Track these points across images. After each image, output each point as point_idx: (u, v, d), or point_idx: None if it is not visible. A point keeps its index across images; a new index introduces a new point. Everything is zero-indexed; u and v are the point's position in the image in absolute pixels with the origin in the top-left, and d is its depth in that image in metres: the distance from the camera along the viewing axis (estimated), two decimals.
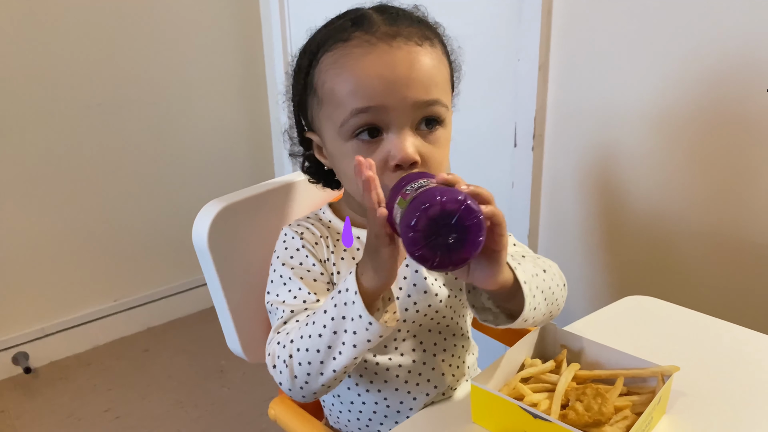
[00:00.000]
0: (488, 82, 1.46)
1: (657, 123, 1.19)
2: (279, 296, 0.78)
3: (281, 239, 0.82)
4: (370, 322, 0.65)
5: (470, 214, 0.57)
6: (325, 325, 0.68)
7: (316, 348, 0.69)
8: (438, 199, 0.56)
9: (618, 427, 0.67)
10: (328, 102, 0.74)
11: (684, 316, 0.94)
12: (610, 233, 1.32)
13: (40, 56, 1.88)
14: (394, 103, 0.70)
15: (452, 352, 0.85)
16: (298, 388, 0.72)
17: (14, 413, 1.86)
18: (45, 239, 2.02)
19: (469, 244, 0.57)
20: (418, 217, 0.56)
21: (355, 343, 0.67)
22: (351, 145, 0.73)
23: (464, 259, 0.58)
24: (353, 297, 0.65)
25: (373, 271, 0.65)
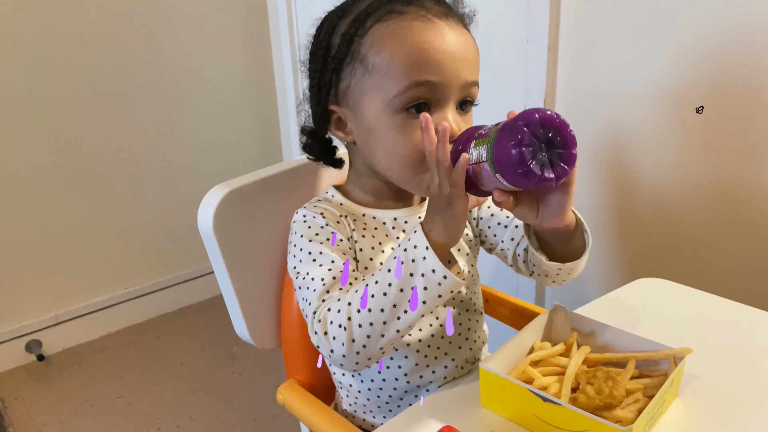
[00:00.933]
0: (497, 64, 1.44)
1: (669, 103, 1.16)
2: (310, 272, 0.75)
3: (300, 220, 0.80)
4: (445, 276, 0.65)
5: (564, 128, 0.59)
6: (390, 283, 0.67)
7: (380, 308, 0.67)
8: (534, 114, 0.58)
9: (629, 411, 0.66)
10: (384, 72, 0.73)
11: (696, 298, 0.92)
12: (620, 215, 1.31)
13: (49, 45, 1.88)
14: (449, 79, 0.72)
15: (468, 326, 0.86)
16: (354, 353, 0.69)
17: (28, 400, 1.88)
18: (57, 228, 2.03)
19: (567, 156, 0.60)
20: (522, 133, 0.57)
21: (426, 299, 0.66)
22: (399, 118, 0.73)
23: (565, 172, 0.60)
24: (424, 253, 0.65)
25: (443, 227, 0.66)
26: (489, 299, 1.06)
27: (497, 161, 0.60)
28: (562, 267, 0.78)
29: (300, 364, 0.92)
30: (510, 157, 0.58)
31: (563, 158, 0.60)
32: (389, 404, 0.85)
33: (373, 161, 0.79)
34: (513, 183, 0.60)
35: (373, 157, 0.78)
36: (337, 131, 0.81)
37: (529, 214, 0.69)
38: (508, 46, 1.40)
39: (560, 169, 0.60)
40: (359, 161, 0.83)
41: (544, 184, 0.59)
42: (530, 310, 1.01)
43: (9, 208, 1.93)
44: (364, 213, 0.82)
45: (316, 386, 0.92)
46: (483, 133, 0.63)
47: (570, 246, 0.76)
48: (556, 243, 0.76)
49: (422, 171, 0.74)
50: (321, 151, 0.87)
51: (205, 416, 1.77)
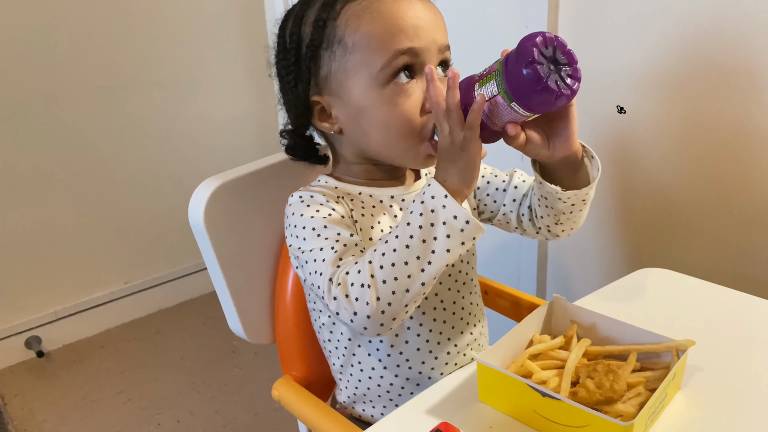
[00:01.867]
0: (495, 52, 1.41)
1: (670, 91, 1.14)
2: (316, 247, 0.73)
3: (297, 202, 0.78)
4: (467, 221, 0.65)
5: (565, 46, 0.62)
6: (412, 235, 0.66)
7: (403, 261, 0.66)
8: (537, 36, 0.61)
9: (631, 405, 0.64)
10: (365, 48, 0.74)
11: (699, 288, 0.91)
12: (621, 204, 1.29)
13: (42, 39, 1.86)
14: (428, 43, 0.74)
15: (469, 311, 0.85)
16: (379, 312, 0.67)
17: (29, 397, 1.87)
18: (55, 223, 2.02)
19: (573, 71, 0.63)
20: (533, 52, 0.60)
21: (449, 247, 0.66)
22: (389, 89, 0.74)
23: (575, 86, 0.63)
24: (443, 201, 0.66)
25: (458, 175, 0.67)
26: (488, 291, 1.04)
27: (511, 88, 0.62)
28: (577, 194, 0.78)
29: (295, 360, 0.91)
30: (525, 78, 0.60)
31: (570, 74, 0.63)
32: (390, 393, 0.84)
33: (367, 141, 0.78)
34: (530, 106, 0.62)
35: (367, 137, 0.78)
36: (321, 122, 0.80)
37: (541, 148, 0.71)
38: (506, 34, 1.38)
39: (571, 82, 0.62)
40: (347, 150, 0.82)
41: (561, 99, 0.62)
42: (530, 302, 0.99)
43: (6, 204, 1.92)
44: (360, 191, 0.81)
45: (312, 382, 0.91)
46: (484, 73, 0.66)
47: (580, 175, 0.78)
48: (565, 174, 0.78)
49: (419, 140, 0.76)
50: (305, 151, 0.86)
51: (205, 411, 1.76)
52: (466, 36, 1.44)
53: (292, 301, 0.89)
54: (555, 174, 0.78)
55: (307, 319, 0.88)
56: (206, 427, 1.70)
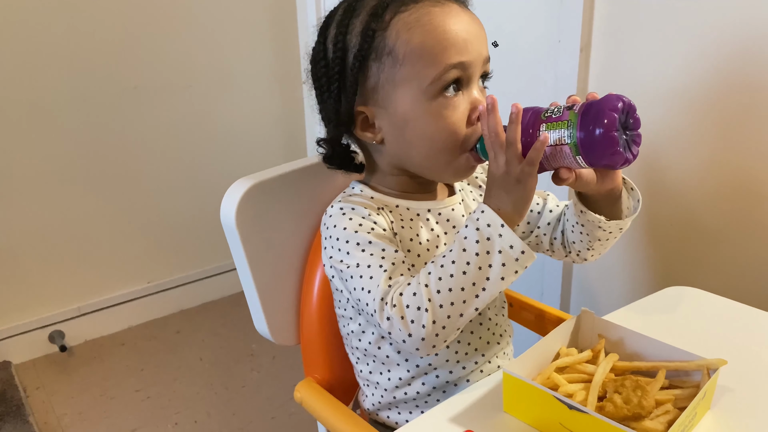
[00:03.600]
0: (527, 64, 1.41)
1: (704, 109, 1.13)
2: (362, 263, 0.73)
3: (338, 213, 0.77)
4: (523, 251, 0.67)
5: (634, 111, 0.67)
6: (469, 262, 0.68)
7: (460, 287, 0.68)
8: (618, 100, 0.65)
9: (659, 422, 0.63)
10: (416, 60, 0.74)
11: (729, 307, 0.89)
12: (650, 221, 1.28)
13: (75, 40, 1.89)
14: (476, 57, 0.75)
15: (496, 321, 0.87)
16: (434, 335, 0.68)
17: (49, 390, 1.89)
18: (82, 221, 2.05)
19: (637, 136, 0.67)
20: (614, 119, 0.64)
21: (504, 276, 0.68)
22: (437, 102, 0.74)
23: (636, 152, 0.67)
24: (500, 230, 0.67)
25: (512, 206, 0.69)
26: (513, 303, 1.03)
27: (583, 145, 0.65)
28: (619, 224, 0.81)
29: (318, 363, 0.91)
30: (601, 142, 0.64)
31: (635, 139, 0.67)
32: (417, 400, 0.84)
33: (409, 153, 0.79)
34: (595, 163, 0.66)
35: (410, 148, 0.78)
36: (364, 132, 0.80)
37: (590, 183, 0.74)
38: (538, 47, 1.38)
39: (634, 149, 0.67)
40: (384, 160, 0.82)
41: (625, 164, 0.66)
42: (555, 316, 0.98)
43: (35, 201, 1.95)
44: (398, 204, 0.82)
45: (334, 385, 0.90)
46: (554, 117, 0.68)
47: (618, 205, 0.81)
48: (605, 205, 0.80)
49: (458, 154, 0.77)
50: (342, 160, 0.86)
51: (222, 412, 1.77)
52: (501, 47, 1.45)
53: (318, 304, 0.89)
54: (596, 204, 0.81)
55: (333, 322, 0.88)
56: (222, 429, 1.70)
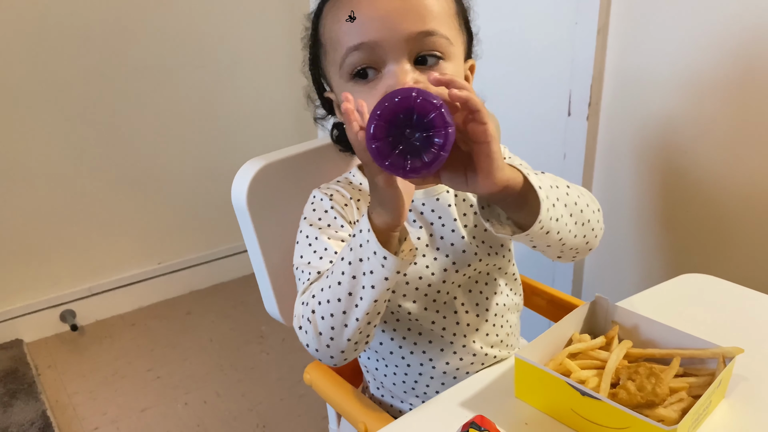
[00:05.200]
0: (543, 47, 1.39)
1: (725, 93, 1.11)
2: (304, 257, 0.75)
3: (310, 201, 0.80)
4: (385, 257, 0.62)
5: (428, 108, 0.53)
6: (344, 271, 0.65)
7: (337, 297, 0.66)
8: (389, 101, 0.53)
9: (673, 410, 0.63)
10: (331, 47, 0.73)
11: (745, 295, 0.88)
12: (666, 209, 1.26)
13: (88, 18, 1.88)
14: (386, 36, 0.68)
15: (495, 312, 0.83)
16: (324, 346, 0.69)
17: (61, 368, 1.91)
18: (93, 201, 2.05)
19: (436, 139, 0.53)
20: (375, 126, 0.53)
21: (374, 284, 0.64)
22: (350, 86, 0.71)
23: (438, 156, 0.54)
24: (367, 236, 0.63)
25: (380, 206, 0.62)
26: (525, 288, 1.02)
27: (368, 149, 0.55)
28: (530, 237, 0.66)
29: None
30: (371, 150, 0.54)
31: (434, 140, 0.53)
32: (415, 390, 0.83)
33: None
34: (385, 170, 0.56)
35: None
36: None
37: (458, 181, 0.61)
38: (555, 29, 1.35)
39: (431, 155, 0.53)
40: None
41: (413, 175, 0.55)
42: (567, 302, 0.97)
43: (48, 182, 1.96)
44: None
45: (343, 368, 0.90)
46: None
47: (531, 211, 0.65)
48: (509, 210, 0.68)
49: None
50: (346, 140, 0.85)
51: (232, 393, 1.77)
52: (516, 30, 1.42)
53: None
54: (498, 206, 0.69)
55: None
56: (232, 410, 1.71)
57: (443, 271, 0.78)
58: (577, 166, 1.36)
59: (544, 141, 1.44)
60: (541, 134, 1.45)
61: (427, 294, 0.78)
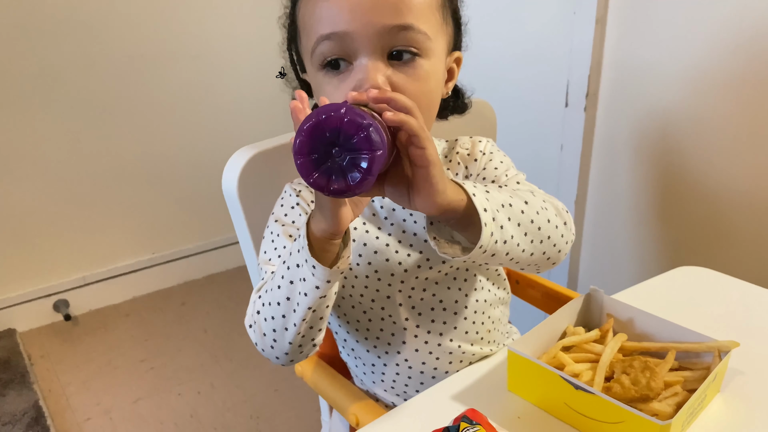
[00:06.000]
0: (540, 36, 1.38)
1: (719, 87, 1.10)
2: (266, 254, 0.74)
3: (280, 196, 0.79)
4: (314, 266, 0.60)
5: (354, 129, 0.50)
6: (283, 275, 0.65)
7: (277, 301, 0.65)
8: (314, 117, 0.50)
9: (667, 404, 0.62)
10: (304, 32, 0.70)
11: (740, 288, 0.87)
12: (662, 202, 1.25)
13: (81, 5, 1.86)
14: (358, 28, 0.64)
15: (475, 309, 0.79)
16: (269, 347, 0.68)
17: (54, 358, 1.90)
18: (87, 190, 2.04)
19: (362, 161, 0.50)
20: (300, 142, 0.50)
21: (306, 291, 0.62)
22: (320, 75, 0.68)
23: (364, 179, 0.50)
24: (302, 242, 0.61)
25: (319, 213, 0.59)
26: (519, 280, 1.02)
27: None
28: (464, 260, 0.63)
29: None
30: (297, 166, 0.51)
31: (360, 162, 0.50)
32: (395, 389, 0.81)
33: None
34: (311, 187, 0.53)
35: None
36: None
37: (401, 198, 0.58)
38: (553, 18, 1.34)
39: (357, 177, 0.50)
40: None
41: (338, 195, 0.52)
42: (562, 294, 0.96)
43: (40, 169, 1.94)
44: None
45: (335, 360, 0.89)
46: None
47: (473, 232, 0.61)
48: (455, 229, 0.65)
49: None
50: None
51: (226, 384, 1.77)
52: (514, 20, 1.41)
53: None
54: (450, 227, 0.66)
55: None
56: (226, 401, 1.70)
57: (416, 267, 0.75)
58: (574, 157, 1.35)
59: (541, 132, 1.43)
60: (538, 125, 1.43)
61: (401, 290, 0.76)
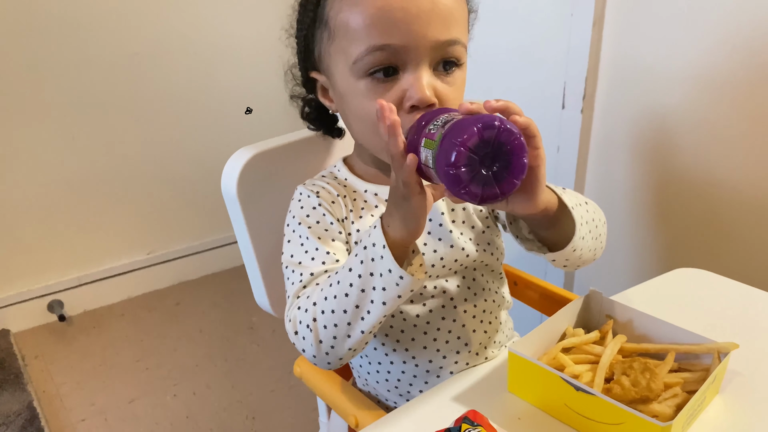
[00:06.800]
0: (538, 38, 1.38)
1: (717, 87, 1.11)
2: (295, 257, 0.74)
3: (296, 198, 0.78)
4: (401, 276, 0.61)
5: (509, 137, 0.53)
6: (352, 283, 0.64)
7: (342, 309, 0.65)
8: (473, 129, 0.53)
9: (667, 405, 0.62)
10: (342, 35, 0.69)
11: (739, 290, 0.88)
12: (660, 203, 1.25)
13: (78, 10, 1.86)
14: (413, 41, 0.66)
15: (483, 308, 0.81)
16: (323, 354, 0.68)
17: (48, 359, 1.89)
18: (81, 190, 2.03)
19: (514, 168, 0.54)
20: (458, 153, 0.53)
21: (385, 300, 0.64)
22: (364, 83, 0.68)
23: (513, 185, 0.55)
24: (381, 251, 0.62)
25: (401, 222, 0.61)
26: (517, 282, 1.02)
27: (440, 176, 0.55)
28: (555, 258, 0.70)
29: None
30: (448, 176, 0.54)
31: (511, 169, 0.54)
32: (399, 389, 0.81)
33: (350, 129, 0.76)
34: (457, 197, 0.56)
35: (349, 124, 0.76)
36: (324, 99, 0.79)
37: (498, 203, 0.61)
38: (551, 20, 1.34)
39: (506, 183, 0.55)
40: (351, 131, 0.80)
41: (487, 203, 0.56)
42: (560, 295, 0.97)
43: (36, 170, 1.93)
44: (366, 189, 0.79)
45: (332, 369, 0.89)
46: (431, 132, 0.57)
47: (560, 232, 0.69)
48: (540, 229, 0.71)
49: None
50: (319, 120, 0.84)
51: (221, 384, 1.76)
52: (510, 22, 1.41)
53: None
54: (530, 225, 0.72)
55: None
56: (221, 401, 1.70)
57: (430, 266, 0.76)
58: (571, 158, 1.36)
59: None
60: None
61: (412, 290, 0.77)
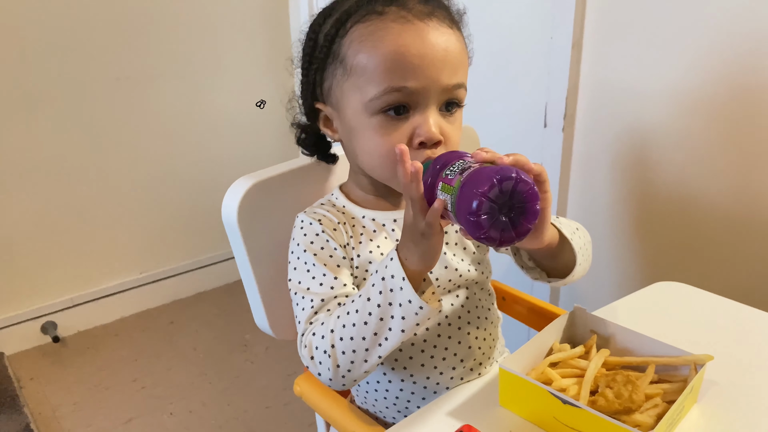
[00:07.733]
0: (519, 60, 1.43)
1: (694, 106, 1.16)
2: (302, 283, 0.77)
3: (298, 226, 0.82)
4: (421, 307, 0.66)
5: (525, 187, 0.59)
6: (371, 312, 0.68)
7: (361, 336, 0.69)
8: (492, 180, 0.58)
9: (648, 415, 0.66)
10: (360, 74, 0.73)
11: (716, 303, 0.92)
12: (640, 219, 1.30)
13: (65, 27, 1.88)
14: (428, 84, 0.72)
15: (477, 325, 0.85)
16: (340, 377, 0.72)
17: (44, 381, 1.90)
18: (73, 211, 2.05)
19: (528, 214, 0.60)
20: (479, 202, 0.58)
21: (404, 328, 0.68)
22: (377, 119, 0.74)
23: (527, 229, 0.60)
24: (401, 283, 0.66)
25: (419, 258, 0.66)
26: (505, 297, 1.06)
27: (461, 222, 0.61)
28: (557, 285, 0.80)
29: None
30: (469, 223, 0.59)
31: (526, 216, 0.60)
32: (397, 405, 0.85)
33: (357, 160, 0.81)
34: (477, 240, 0.61)
35: (356, 156, 0.80)
36: (326, 129, 0.83)
37: None
38: (531, 43, 1.39)
39: (521, 228, 0.60)
40: (351, 159, 0.84)
41: (503, 245, 0.61)
42: (547, 310, 1.01)
43: (28, 192, 1.95)
44: (364, 215, 0.83)
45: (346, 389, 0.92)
46: (449, 178, 0.63)
47: (561, 260, 0.78)
48: (542, 260, 0.79)
49: None
50: (314, 146, 0.89)
51: (217, 402, 1.78)
52: (493, 44, 1.46)
53: None
54: (533, 256, 0.80)
55: None
56: (217, 419, 1.72)
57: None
58: (553, 176, 1.40)
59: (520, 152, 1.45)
60: (518, 145, 1.48)
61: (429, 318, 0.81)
